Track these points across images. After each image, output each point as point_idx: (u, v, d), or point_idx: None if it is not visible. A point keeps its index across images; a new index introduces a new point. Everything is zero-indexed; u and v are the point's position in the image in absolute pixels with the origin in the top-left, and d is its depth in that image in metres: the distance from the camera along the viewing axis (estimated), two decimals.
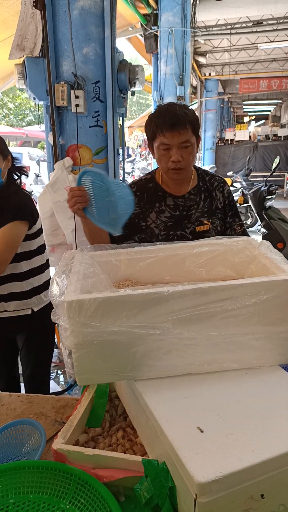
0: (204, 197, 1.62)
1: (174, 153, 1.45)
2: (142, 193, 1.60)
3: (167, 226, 1.57)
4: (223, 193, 1.65)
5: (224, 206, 1.64)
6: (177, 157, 1.45)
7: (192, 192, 1.61)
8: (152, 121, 1.48)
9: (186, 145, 1.46)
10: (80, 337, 0.92)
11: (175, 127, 1.42)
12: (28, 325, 1.95)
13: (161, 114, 1.45)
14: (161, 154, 1.48)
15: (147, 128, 1.52)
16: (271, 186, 5.69)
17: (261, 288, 0.94)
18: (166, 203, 1.59)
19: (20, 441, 1.16)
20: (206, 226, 1.58)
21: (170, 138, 1.44)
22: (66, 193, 2.98)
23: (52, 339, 2.13)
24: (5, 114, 21.66)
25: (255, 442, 0.76)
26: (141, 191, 1.61)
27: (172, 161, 1.46)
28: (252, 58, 13.26)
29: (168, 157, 1.47)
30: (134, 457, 0.90)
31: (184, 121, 1.43)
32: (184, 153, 1.46)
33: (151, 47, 6.84)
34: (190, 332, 0.94)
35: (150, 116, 1.52)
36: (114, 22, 2.93)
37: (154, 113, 1.49)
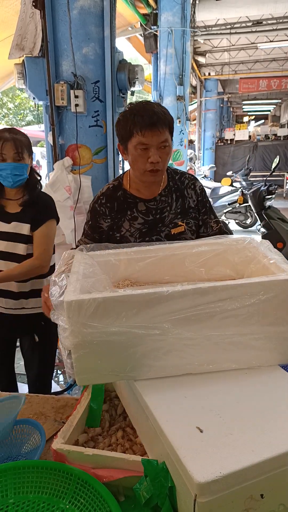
0: (175, 197, 1.54)
1: (153, 153, 1.37)
2: (112, 203, 1.53)
3: (142, 232, 1.50)
4: (195, 190, 1.57)
5: (197, 204, 1.56)
6: (156, 157, 1.37)
7: (163, 194, 1.53)
8: (128, 119, 1.38)
9: (165, 145, 1.39)
10: (79, 337, 0.92)
11: (155, 126, 1.34)
12: (38, 324, 1.96)
13: (139, 113, 1.36)
14: (138, 155, 1.39)
15: (121, 127, 1.41)
16: (270, 186, 5.69)
17: (261, 288, 0.94)
18: (138, 208, 1.52)
19: (20, 441, 1.16)
20: (181, 228, 1.51)
21: (149, 137, 1.35)
22: (65, 193, 2.98)
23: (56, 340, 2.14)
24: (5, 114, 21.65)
25: (255, 442, 0.76)
26: (110, 201, 1.53)
27: (150, 162, 1.38)
28: (251, 58, 13.26)
29: (146, 158, 1.38)
30: (133, 457, 0.90)
31: (164, 120, 1.36)
32: (162, 153, 1.39)
33: (150, 47, 6.84)
34: (190, 332, 0.94)
35: (123, 114, 1.42)
36: (113, 22, 2.93)
37: (130, 111, 1.39)
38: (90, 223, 1.55)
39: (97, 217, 1.53)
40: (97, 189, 3.09)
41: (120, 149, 1.48)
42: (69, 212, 3.01)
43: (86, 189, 3.05)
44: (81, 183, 3.02)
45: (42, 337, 2.02)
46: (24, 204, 1.86)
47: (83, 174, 3.06)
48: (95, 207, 1.54)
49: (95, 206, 1.54)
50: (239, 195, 7.68)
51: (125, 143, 1.42)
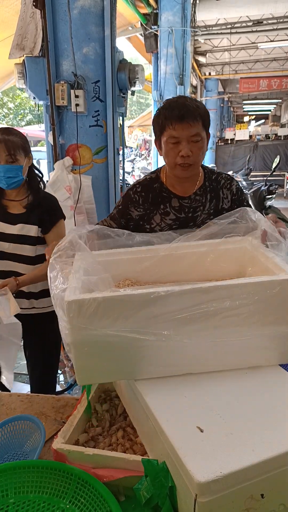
0: (210, 197, 1.53)
1: (184, 147, 1.36)
2: (147, 194, 1.53)
3: (172, 229, 1.49)
4: (231, 190, 1.55)
5: (232, 203, 1.54)
6: (186, 151, 1.36)
7: (198, 193, 1.52)
8: (161, 113, 1.39)
9: (196, 139, 1.37)
10: (80, 337, 0.92)
11: (185, 119, 1.33)
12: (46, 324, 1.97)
13: (171, 106, 1.37)
14: (169, 148, 1.39)
15: (155, 121, 1.43)
16: (271, 186, 5.69)
17: (261, 288, 0.94)
18: (171, 204, 1.52)
19: (21, 439, 1.16)
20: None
21: (180, 130, 1.35)
22: (66, 192, 2.98)
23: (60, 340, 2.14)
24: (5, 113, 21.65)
25: (255, 442, 0.76)
26: (146, 191, 1.53)
27: (181, 155, 1.37)
28: (252, 58, 13.26)
29: (177, 152, 1.38)
30: (134, 456, 0.91)
31: (195, 113, 1.35)
32: (193, 147, 1.37)
33: (151, 47, 6.84)
34: (190, 332, 0.94)
35: (158, 109, 1.43)
36: (114, 22, 2.93)
37: (163, 106, 1.41)
38: (120, 207, 1.56)
39: (129, 203, 1.54)
40: (97, 189, 3.10)
41: (157, 145, 1.49)
42: (69, 211, 3.01)
43: (86, 188, 3.05)
44: (81, 183, 3.02)
45: (49, 338, 2.03)
46: (29, 206, 1.85)
47: (84, 174, 3.06)
48: (129, 193, 1.55)
49: (129, 193, 1.55)
50: None
51: (159, 138, 1.44)
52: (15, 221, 1.84)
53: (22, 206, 1.86)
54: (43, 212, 1.85)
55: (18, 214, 1.85)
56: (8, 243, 1.84)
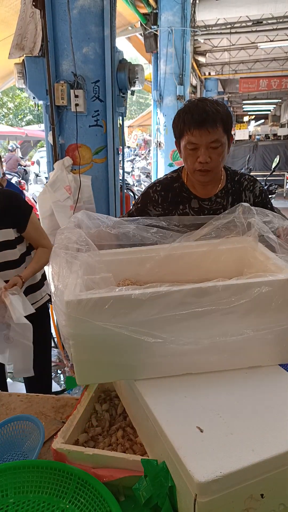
0: (232, 200, 1.50)
1: (202, 153, 1.34)
2: (167, 193, 1.50)
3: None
4: (253, 193, 1.51)
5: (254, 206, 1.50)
6: (204, 157, 1.34)
7: (220, 195, 1.50)
8: (180, 117, 1.37)
9: (216, 145, 1.34)
10: (79, 336, 0.92)
11: (203, 125, 1.30)
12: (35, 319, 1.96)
13: (190, 110, 1.34)
14: (188, 154, 1.37)
15: (175, 125, 1.40)
16: (271, 186, 5.70)
17: (261, 288, 0.94)
18: (191, 205, 1.49)
19: (20, 439, 1.16)
20: None
21: (198, 136, 1.32)
22: (65, 192, 2.98)
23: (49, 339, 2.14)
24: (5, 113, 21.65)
25: (255, 442, 0.76)
26: (165, 190, 1.51)
27: (199, 162, 1.35)
28: (251, 58, 13.25)
29: (195, 157, 1.36)
30: (134, 456, 0.91)
31: (215, 118, 1.31)
32: (212, 153, 1.35)
33: (150, 47, 6.84)
34: (190, 332, 0.94)
35: (178, 111, 1.40)
36: (113, 22, 2.92)
37: (183, 109, 1.38)
38: (139, 205, 1.53)
39: (147, 202, 1.52)
40: (97, 189, 3.10)
41: (177, 146, 1.46)
42: (69, 211, 3.01)
43: (86, 188, 3.05)
44: (81, 183, 3.02)
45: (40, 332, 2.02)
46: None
47: (83, 174, 3.06)
48: (149, 192, 1.53)
49: (149, 191, 1.53)
50: None
51: (178, 141, 1.42)
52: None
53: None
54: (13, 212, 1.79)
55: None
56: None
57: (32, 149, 19.28)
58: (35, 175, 11.44)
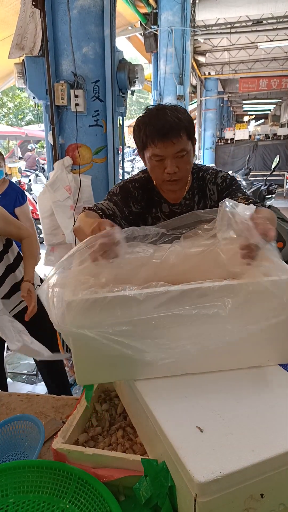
0: (198, 198, 1.48)
1: (169, 164, 1.29)
2: (144, 193, 1.46)
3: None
4: (216, 183, 1.45)
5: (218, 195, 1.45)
6: (172, 168, 1.29)
7: (187, 197, 1.47)
8: (141, 129, 1.31)
9: (182, 154, 1.30)
10: (79, 337, 0.92)
11: (167, 137, 1.25)
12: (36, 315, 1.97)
13: (151, 122, 1.28)
14: (154, 165, 1.32)
15: (136, 136, 1.35)
16: (270, 185, 5.69)
17: (261, 288, 0.94)
18: (162, 209, 1.46)
19: (20, 439, 1.16)
20: None
21: (163, 148, 1.27)
22: (65, 192, 2.98)
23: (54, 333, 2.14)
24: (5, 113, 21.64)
25: (255, 442, 0.76)
26: (143, 190, 1.46)
27: (167, 173, 1.31)
28: (251, 57, 13.25)
29: (162, 168, 1.31)
30: (134, 456, 0.91)
31: (178, 128, 1.26)
32: (180, 163, 1.30)
33: (150, 46, 6.84)
34: (190, 332, 0.94)
35: (137, 122, 1.34)
36: (113, 21, 2.92)
37: (142, 119, 1.32)
38: (121, 196, 1.43)
39: (128, 196, 1.44)
40: (97, 189, 3.10)
41: (140, 156, 1.41)
42: (69, 211, 3.01)
43: (86, 188, 3.05)
44: (81, 183, 3.02)
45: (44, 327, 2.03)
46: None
47: (83, 174, 3.06)
48: (128, 186, 1.45)
49: (128, 185, 1.45)
50: None
51: (142, 152, 1.37)
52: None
53: None
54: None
55: None
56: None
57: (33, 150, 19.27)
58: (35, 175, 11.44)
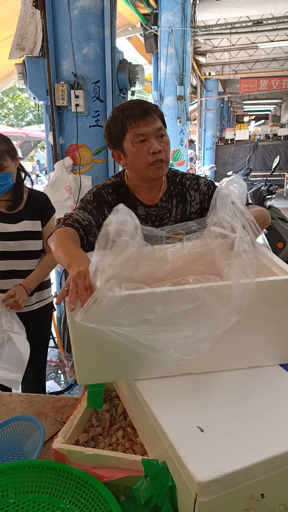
0: (176, 202, 1.44)
1: (153, 142, 1.28)
2: (117, 197, 1.41)
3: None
4: (199, 190, 1.44)
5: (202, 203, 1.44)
6: (157, 146, 1.28)
7: (164, 199, 1.43)
8: (118, 116, 1.30)
9: (162, 133, 1.30)
10: (80, 336, 0.92)
11: (148, 113, 1.27)
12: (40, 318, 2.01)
13: (127, 106, 1.30)
14: (138, 149, 1.29)
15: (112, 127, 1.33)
16: (271, 186, 5.68)
17: (261, 288, 0.94)
18: (138, 213, 1.42)
19: (21, 439, 1.17)
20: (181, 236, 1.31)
21: (145, 127, 1.27)
22: (66, 192, 2.98)
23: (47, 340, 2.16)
24: (5, 114, 21.66)
25: (255, 442, 0.76)
26: (116, 194, 1.42)
27: (153, 152, 1.28)
28: (252, 58, 13.25)
29: (146, 150, 1.28)
30: (134, 456, 0.91)
31: (154, 108, 1.30)
32: (161, 143, 1.30)
33: (151, 47, 6.84)
34: (190, 332, 0.94)
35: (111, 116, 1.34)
36: (114, 22, 2.93)
37: (117, 109, 1.33)
38: (95, 204, 1.39)
39: (102, 203, 1.39)
40: None
41: (116, 155, 1.38)
42: (69, 211, 3.01)
43: (86, 189, 3.05)
44: (82, 183, 3.02)
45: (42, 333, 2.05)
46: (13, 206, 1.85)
47: (84, 174, 3.06)
48: (101, 192, 1.41)
49: (101, 192, 1.41)
50: None
51: (120, 144, 1.34)
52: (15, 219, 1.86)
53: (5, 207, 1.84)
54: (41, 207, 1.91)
55: (16, 212, 1.86)
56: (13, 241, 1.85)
57: (33, 150, 19.30)
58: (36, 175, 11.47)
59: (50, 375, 3.20)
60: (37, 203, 1.91)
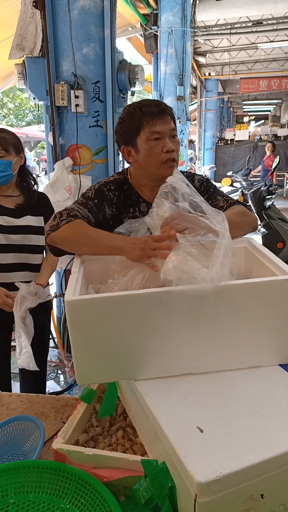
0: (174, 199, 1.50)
1: (167, 142, 1.32)
2: (120, 194, 1.44)
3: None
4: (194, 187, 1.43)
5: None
6: (170, 145, 1.31)
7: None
8: (134, 113, 1.33)
9: (175, 134, 1.35)
10: (80, 336, 0.92)
11: (165, 113, 1.32)
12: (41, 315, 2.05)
13: (144, 104, 1.33)
14: (152, 146, 1.32)
15: (127, 123, 1.35)
16: (270, 186, 5.69)
17: (261, 288, 0.94)
18: (140, 209, 1.44)
19: (21, 439, 1.16)
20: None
21: (161, 125, 1.31)
22: (66, 193, 2.98)
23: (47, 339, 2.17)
24: (5, 114, 21.65)
25: (255, 442, 0.76)
26: (118, 191, 1.44)
27: (166, 151, 1.32)
28: (252, 58, 13.26)
29: (160, 148, 1.32)
30: (134, 456, 0.90)
31: (169, 109, 1.35)
32: (174, 143, 1.34)
33: (151, 47, 6.84)
34: (189, 332, 0.94)
35: (126, 112, 1.36)
36: (114, 22, 2.93)
37: (133, 105, 1.35)
38: (96, 201, 1.41)
39: (103, 200, 1.42)
40: None
41: (126, 151, 1.39)
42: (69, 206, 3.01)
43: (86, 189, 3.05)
44: (81, 183, 3.02)
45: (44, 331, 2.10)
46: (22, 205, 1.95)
47: (84, 174, 3.06)
48: (103, 189, 1.43)
49: (103, 189, 1.43)
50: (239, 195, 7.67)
51: (133, 140, 1.35)
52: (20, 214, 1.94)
53: (13, 204, 1.93)
54: (44, 206, 2.02)
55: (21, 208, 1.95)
56: (16, 235, 1.92)
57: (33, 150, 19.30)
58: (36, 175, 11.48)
59: (50, 375, 3.20)
60: (41, 202, 2.01)
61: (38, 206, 1.99)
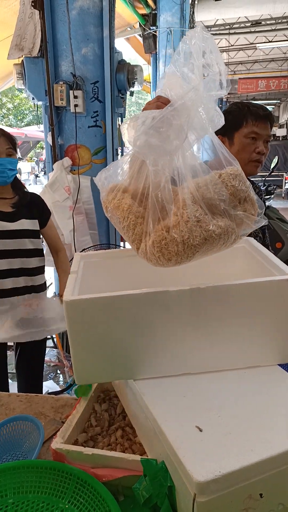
0: None
1: (261, 144, 1.42)
2: None
3: None
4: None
5: None
6: (263, 148, 1.41)
7: None
8: (242, 109, 1.43)
9: (269, 140, 1.45)
10: (78, 336, 0.92)
11: (267, 119, 1.41)
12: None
13: (253, 105, 1.43)
14: (247, 144, 1.42)
15: (234, 115, 1.44)
16: (269, 186, 5.69)
17: (260, 288, 0.94)
18: None
19: (20, 439, 1.16)
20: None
21: (262, 128, 1.41)
22: (65, 193, 2.98)
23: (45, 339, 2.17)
24: (4, 114, 21.63)
25: (254, 441, 0.76)
26: None
27: (257, 152, 1.41)
28: (250, 58, 13.29)
29: (253, 148, 1.42)
30: (133, 456, 0.90)
31: (272, 118, 1.44)
32: (266, 148, 1.44)
33: (149, 47, 6.84)
34: (188, 332, 0.94)
35: (235, 105, 1.45)
36: (112, 22, 2.93)
37: (242, 103, 1.45)
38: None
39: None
40: (96, 189, 3.10)
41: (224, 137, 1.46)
42: (68, 212, 3.01)
43: (85, 189, 3.05)
44: (80, 184, 3.02)
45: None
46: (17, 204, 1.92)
47: (82, 175, 3.06)
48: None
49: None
50: None
51: (232, 133, 1.44)
52: (13, 218, 1.89)
53: (9, 204, 1.90)
54: (39, 209, 1.98)
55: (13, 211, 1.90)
56: (11, 240, 1.88)
57: (32, 150, 19.28)
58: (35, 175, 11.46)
59: (49, 375, 3.20)
60: (35, 204, 1.97)
61: (32, 209, 1.95)
